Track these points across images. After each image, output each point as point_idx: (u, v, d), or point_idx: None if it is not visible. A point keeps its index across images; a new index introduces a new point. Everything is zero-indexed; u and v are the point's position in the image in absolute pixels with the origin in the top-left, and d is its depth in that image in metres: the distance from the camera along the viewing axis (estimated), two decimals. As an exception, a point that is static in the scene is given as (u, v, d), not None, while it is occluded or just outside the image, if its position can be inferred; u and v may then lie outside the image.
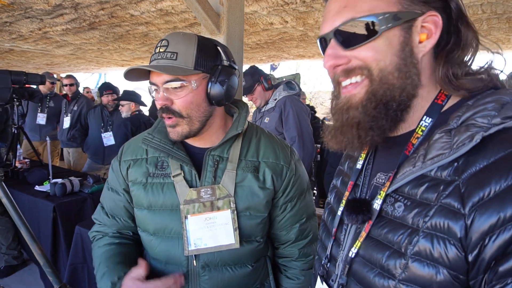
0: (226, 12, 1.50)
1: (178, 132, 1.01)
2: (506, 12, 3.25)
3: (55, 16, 3.69)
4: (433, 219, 0.52)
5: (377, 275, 0.58)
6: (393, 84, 0.58)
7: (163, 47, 0.97)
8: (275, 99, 2.81)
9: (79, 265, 2.33)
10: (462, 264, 0.49)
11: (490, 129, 0.50)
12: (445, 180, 0.52)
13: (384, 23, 0.56)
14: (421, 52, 0.59)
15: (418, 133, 0.60)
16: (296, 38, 4.55)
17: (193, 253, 1.04)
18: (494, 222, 0.46)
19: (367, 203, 0.63)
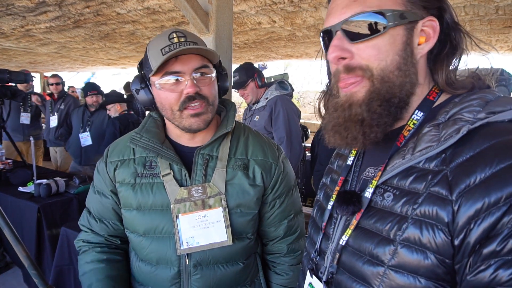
0: (215, 11, 1.50)
1: (204, 119, 1.00)
2: (487, 14, 3.33)
3: (38, 13, 3.62)
4: (422, 206, 0.54)
5: (366, 263, 0.60)
6: (393, 82, 0.61)
7: (182, 38, 0.97)
8: (266, 98, 2.80)
9: (65, 267, 2.29)
10: (448, 249, 0.51)
11: (475, 123, 0.54)
12: (433, 170, 0.55)
13: (392, 20, 0.59)
14: (419, 53, 0.62)
15: (409, 125, 0.63)
16: (284, 38, 4.57)
17: (186, 252, 1.03)
18: (480, 207, 0.48)
19: (357, 194, 0.65)
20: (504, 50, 5.17)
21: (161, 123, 1.12)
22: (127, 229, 1.12)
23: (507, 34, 4.07)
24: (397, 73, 0.60)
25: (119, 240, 1.18)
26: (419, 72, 0.64)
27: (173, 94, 0.97)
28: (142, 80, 1.03)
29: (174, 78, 0.96)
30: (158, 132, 1.08)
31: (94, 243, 1.16)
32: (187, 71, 0.96)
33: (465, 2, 3.03)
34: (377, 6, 0.59)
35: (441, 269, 0.52)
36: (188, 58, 0.96)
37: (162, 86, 0.97)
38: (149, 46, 1.01)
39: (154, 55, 0.97)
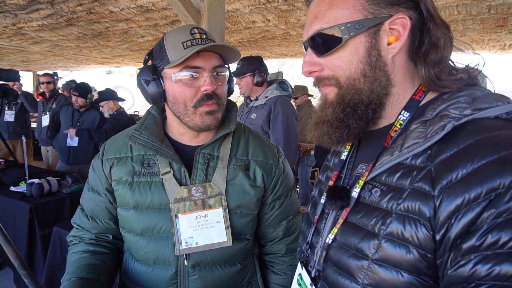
0: (207, 9, 1.49)
1: (217, 118, 1.00)
2: (480, 14, 3.36)
3: (30, 11, 3.58)
4: (406, 201, 0.55)
5: (351, 256, 0.61)
6: (360, 89, 0.63)
7: (203, 34, 0.98)
8: (266, 96, 2.72)
9: (58, 267, 2.27)
10: (430, 244, 0.52)
11: (461, 119, 0.54)
12: (419, 166, 0.56)
13: (346, 33, 0.61)
14: (391, 53, 0.62)
15: (396, 126, 0.64)
16: (278, 36, 4.57)
17: (184, 252, 1.01)
18: (460, 202, 0.49)
19: (346, 190, 0.66)
20: (496, 49, 5.22)
21: (160, 120, 1.10)
22: (122, 229, 1.10)
23: (499, 33, 4.11)
24: (363, 79, 0.63)
25: (111, 236, 1.16)
26: (396, 71, 0.63)
27: (190, 89, 0.96)
28: (154, 72, 0.99)
29: (193, 74, 0.96)
30: (157, 130, 1.06)
31: (84, 238, 1.15)
32: (207, 68, 0.96)
33: (458, 1, 3.05)
34: (334, 21, 0.62)
35: (423, 264, 0.53)
36: (208, 55, 0.96)
37: (179, 80, 0.96)
38: (167, 38, 0.99)
39: (174, 47, 0.95)
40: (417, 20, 0.62)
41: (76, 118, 4.12)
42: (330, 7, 0.63)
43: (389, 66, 0.63)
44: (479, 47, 5.05)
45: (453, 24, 3.76)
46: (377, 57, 0.62)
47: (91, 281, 1.01)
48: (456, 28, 3.87)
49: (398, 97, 0.65)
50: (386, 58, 0.62)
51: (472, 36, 4.32)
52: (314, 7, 0.66)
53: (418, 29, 0.62)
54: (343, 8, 0.62)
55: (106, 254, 1.13)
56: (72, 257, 1.11)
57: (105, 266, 1.09)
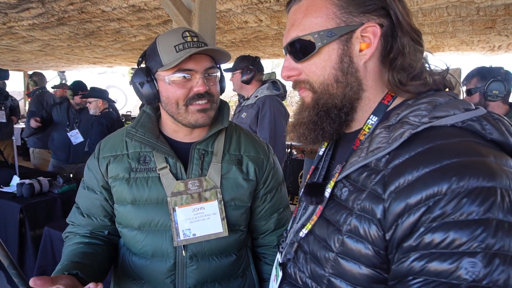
0: (198, 9, 1.50)
1: (209, 116, 1.06)
2: (469, 15, 3.40)
3: (20, 10, 3.54)
4: (363, 202, 0.60)
5: (322, 248, 0.67)
6: (333, 94, 0.67)
7: (195, 37, 1.03)
8: (256, 96, 2.73)
9: (48, 267, 2.26)
10: (381, 241, 0.57)
11: (418, 127, 0.57)
12: (378, 170, 0.60)
13: (319, 40, 0.65)
14: (362, 59, 0.65)
15: (365, 130, 0.67)
16: (271, 37, 4.58)
17: (183, 243, 1.06)
18: (403, 206, 0.53)
19: (321, 187, 0.70)
20: (486, 51, 5.29)
21: (155, 118, 1.15)
22: (120, 224, 1.13)
23: (488, 35, 4.17)
24: (335, 85, 0.66)
25: (107, 232, 1.19)
26: (367, 76, 0.66)
27: (182, 90, 1.02)
28: (147, 74, 1.04)
29: (185, 75, 1.01)
30: (152, 127, 1.11)
31: (79, 233, 1.18)
32: (199, 70, 1.02)
33: (447, 3, 3.09)
34: (309, 29, 0.65)
35: (378, 259, 0.58)
36: (200, 58, 1.02)
37: (173, 82, 1.01)
38: (159, 41, 1.04)
39: (166, 51, 1.01)
40: (389, 27, 0.64)
41: (73, 117, 4.08)
42: (305, 15, 0.66)
43: (361, 71, 0.66)
44: (469, 48, 5.11)
45: (443, 26, 3.81)
46: (349, 63, 0.65)
47: (83, 265, 1.02)
48: (446, 29, 3.92)
49: (369, 101, 0.68)
50: (358, 64, 0.65)
51: (462, 38, 4.38)
52: (292, 15, 0.70)
53: (390, 35, 0.64)
54: (317, 17, 0.65)
55: (100, 246, 1.16)
56: (67, 249, 1.14)
57: (98, 255, 1.12)
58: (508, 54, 5.31)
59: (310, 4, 0.66)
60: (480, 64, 2.26)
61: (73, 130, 4.07)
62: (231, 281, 1.17)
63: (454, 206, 0.49)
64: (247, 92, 2.81)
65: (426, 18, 3.51)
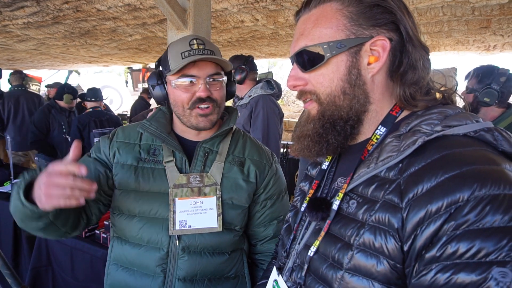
0: (193, 8, 1.49)
1: (210, 120, 1.12)
2: (464, 15, 3.42)
3: (15, 8, 3.52)
4: (377, 213, 0.57)
5: (328, 266, 0.63)
6: (339, 105, 0.66)
7: (201, 45, 1.09)
8: (249, 95, 2.70)
9: (43, 268, 2.24)
10: (399, 254, 0.54)
11: (432, 135, 0.57)
12: (391, 179, 0.58)
13: (328, 51, 0.64)
14: (371, 73, 0.65)
15: (373, 140, 0.66)
16: (267, 36, 4.58)
17: (178, 233, 1.10)
18: (423, 214, 0.51)
19: (327, 202, 0.68)
20: (481, 50, 5.32)
21: (168, 116, 1.23)
22: (118, 211, 1.15)
23: (484, 35, 4.19)
24: (342, 97, 0.66)
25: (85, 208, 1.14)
26: (375, 89, 0.66)
27: (186, 94, 1.09)
28: (159, 77, 1.15)
29: (189, 80, 1.08)
30: (165, 124, 1.19)
31: None
32: (202, 76, 1.08)
33: (442, 2, 3.10)
34: (318, 39, 0.65)
35: (394, 275, 0.55)
36: (204, 64, 1.08)
37: (178, 86, 1.09)
38: (170, 48, 1.12)
39: (174, 57, 1.09)
40: (398, 42, 0.64)
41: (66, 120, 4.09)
42: (315, 25, 0.66)
43: (368, 84, 0.65)
44: (464, 48, 5.14)
45: (439, 25, 3.82)
46: (357, 76, 0.65)
47: None
48: (441, 29, 3.93)
49: (376, 114, 0.68)
50: (366, 77, 0.65)
51: (458, 37, 4.40)
52: (301, 24, 0.69)
53: (399, 50, 0.64)
54: (327, 28, 0.65)
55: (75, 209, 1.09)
56: None
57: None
58: (503, 53, 5.34)
59: (321, 14, 0.66)
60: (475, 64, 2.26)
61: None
62: (222, 280, 1.17)
63: (477, 213, 0.47)
64: (241, 92, 2.78)
65: (421, 18, 3.53)
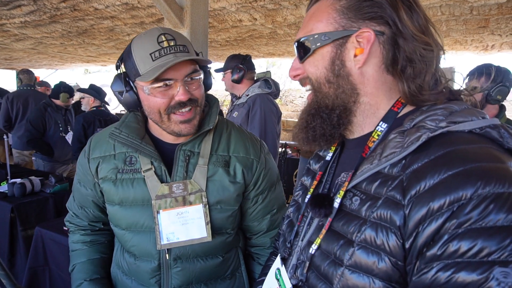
0: (190, 6, 1.48)
1: (194, 124, 1.02)
2: (462, 14, 3.42)
3: (11, 7, 3.50)
4: (379, 210, 0.57)
5: (330, 263, 0.63)
6: (326, 93, 0.68)
7: (172, 41, 0.95)
8: (247, 95, 2.68)
9: (40, 268, 2.22)
10: (400, 251, 0.54)
11: (436, 131, 0.56)
12: (394, 175, 0.57)
13: (314, 43, 0.67)
14: (357, 65, 0.65)
15: (374, 137, 0.66)
16: (265, 35, 4.57)
17: (166, 247, 1.05)
18: (425, 212, 0.51)
19: (330, 198, 0.67)
20: (479, 50, 5.32)
21: (141, 118, 1.11)
22: (111, 222, 1.15)
23: (482, 34, 4.19)
24: (327, 85, 0.67)
25: (101, 224, 1.24)
26: (365, 82, 0.65)
27: (163, 99, 0.96)
28: (126, 83, 0.99)
29: (166, 83, 0.94)
30: (138, 128, 1.07)
31: (79, 226, 1.24)
32: (179, 78, 0.95)
33: (441, 2, 3.10)
34: (309, 32, 0.68)
35: (395, 272, 0.54)
36: (180, 64, 0.94)
37: (152, 91, 0.95)
38: (134, 47, 0.96)
39: (143, 59, 0.94)
40: (391, 35, 0.63)
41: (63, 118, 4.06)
42: (310, 19, 0.69)
43: (355, 76, 0.65)
44: (462, 47, 5.14)
45: (437, 25, 3.82)
46: (341, 67, 0.66)
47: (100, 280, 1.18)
48: (440, 28, 3.93)
49: (370, 107, 0.67)
50: (351, 69, 0.65)
51: (456, 37, 4.40)
52: (305, 17, 0.72)
53: (391, 44, 0.63)
54: (318, 21, 0.67)
55: (103, 243, 1.25)
56: (74, 246, 1.24)
57: (103, 257, 1.23)
58: (501, 53, 5.34)
59: (317, 9, 0.69)
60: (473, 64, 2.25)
61: (69, 133, 4.03)
62: (218, 282, 1.15)
63: (480, 211, 0.46)
64: (239, 91, 2.77)
65: (420, 17, 3.52)
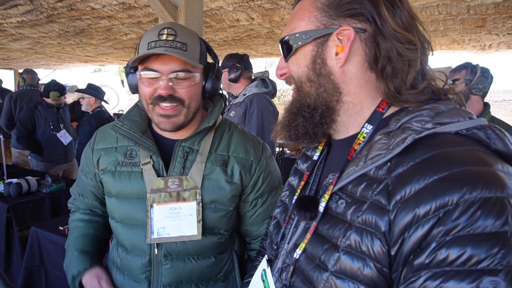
0: (184, 5, 1.48)
1: (174, 122, 1.02)
2: (460, 14, 3.42)
3: (8, 7, 3.49)
4: (364, 214, 0.55)
5: (315, 267, 0.61)
6: (307, 91, 0.67)
7: (171, 36, 0.96)
8: (244, 94, 2.68)
9: (36, 268, 2.22)
10: (385, 258, 0.52)
11: (422, 133, 0.54)
12: (380, 178, 0.56)
13: (295, 42, 0.66)
14: (338, 63, 0.63)
15: (359, 139, 0.64)
16: (263, 35, 4.57)
17: (155, 241, 1.05)
18: (411, 218, 0.49)
19: (316, 200, 0.65)
20: (477, 50, 5.32)
21: (145, 113, 1.12)
22: (109, 215, 1.17)
23: (479, 34, 4.19)
24: (308, 83, 0.67)
25: (101, 211, 1.28)
26: (348, 81, 0.64)
27: (149, 88, 0.99)
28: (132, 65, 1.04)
29: (151, 73, 0.97)
30: (140, 122, 1.10)
31: (80, 208, 1.30)
32: (165, 72, 0.96)
33: (437, 1, 3.10)
34: (292, 30, 0.67)
35: (380, 278, 0.53)
36: (169, 58, 0.96)
37: (142, 78, 1.00)
38: (144, 34, 1.02)
39: (142, 45, 0.99)
40: (373, 32, 0.61)
41: (55, 116, 4.03)
42: (293, 17, 0.68)
43: (337, 75, 0.64)
44: (460, 47, 5.14)
45: (434, 24, 3.82)
46: (322, 65, 0.64)
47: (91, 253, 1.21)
48: (437, 28, 3.93)
49: (354, 106, 0.65)
50: (333, 67, 0.64)
51: (453, 37, 4.40)
52: (289, 16, 0.71)
53: (374, 42, 0.61)
54: (300, 20, 0.66)
55: (99, 222, 1.29)
56: (72, 224, 1.30)
57: (98, 234, 1.27)
58: (498, 53, 5.35)
59: (300, 7, 0.68)
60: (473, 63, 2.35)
61: (61, 131, 4.01)
62: (210, 284, 1.13)
63: (468, 218, 0.45)
64: (236, 91, 2.77)
65: (417, 17, 3.52)
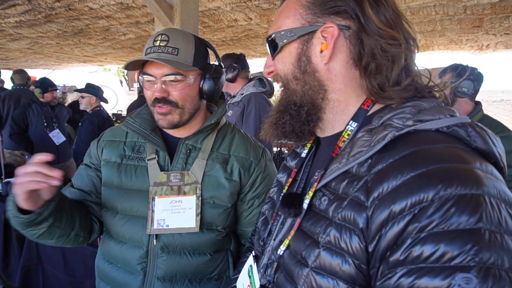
0: (180, 4, 1.48)
1: (169, 120, 1.09)
2: (456, 14, 3.43)
3: (6, 6, 3.50)
4: (344, 211, 0.56)
5: (297, 263, 0.62)
6: (293, 89, 0.67)
7: (164, 42, 1.05)
8: (241, 93, 2.69)
9: (33, 267, 2.23)
10: (363, 254, 0.53)
11: (402, 130, 0.55)
12: (361, 175, 0.56)
13: (280, 40, 0.67)
14: (323, 61, 0.64)
15: (344, 136, 0.64)
16: (261, 35, 4.58)
17: (155, 232, 1.09)
18: (387, 214, 0.49)
19: (300, 197, 0.66)
20: (474, 50, 5.34)
21: None
22: (104, 207, 1.18)
23: (476, 34, 4.21)
24: (294, 81, 0.67)
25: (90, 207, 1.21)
26: (333, 78, 0.64)
27: (148, 91, 1.09)
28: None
29: (148, 79, 1.07)
30: (150, 120, 1.16)
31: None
32: (158, 76, 1.05)
33: (434, 1, 3.11)
34: (278, 29, 0.68)
35: (359, 275, 0.53)
36: (159, 64, 1.03)
37: (143, 82, 1.10)
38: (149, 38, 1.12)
39: (144, 51, 1.08)
40: (357, 29, 0.62)
41: (49, 116, 3.99)
42: (279, 16, 0.69)
43: (322, 72, 0.64)
44: (457, 47, 5.15)
45: (432, 24, 3.83)
46: (307, 63, 0.65)
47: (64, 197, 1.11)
48: (434, 28, 3.95)
49: (339, 104, 0.66)
50: (318, 65, 0.64)
51: (451, 37, 4.41)
52: (276, 14, 0.72)
53: (358, 39, 0.62)
54: (285, 18, 0.67)
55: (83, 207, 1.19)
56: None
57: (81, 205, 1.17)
58: (496, 53, 5.37)
59: (285, 6, 0.68)
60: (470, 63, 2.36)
61: (54, 131, 3.96)
62: (204, 281, 1.15)
63: (442, 214, 0.45)
64: (233, 90, 2.78)
65: (414, 17, 3.54)
